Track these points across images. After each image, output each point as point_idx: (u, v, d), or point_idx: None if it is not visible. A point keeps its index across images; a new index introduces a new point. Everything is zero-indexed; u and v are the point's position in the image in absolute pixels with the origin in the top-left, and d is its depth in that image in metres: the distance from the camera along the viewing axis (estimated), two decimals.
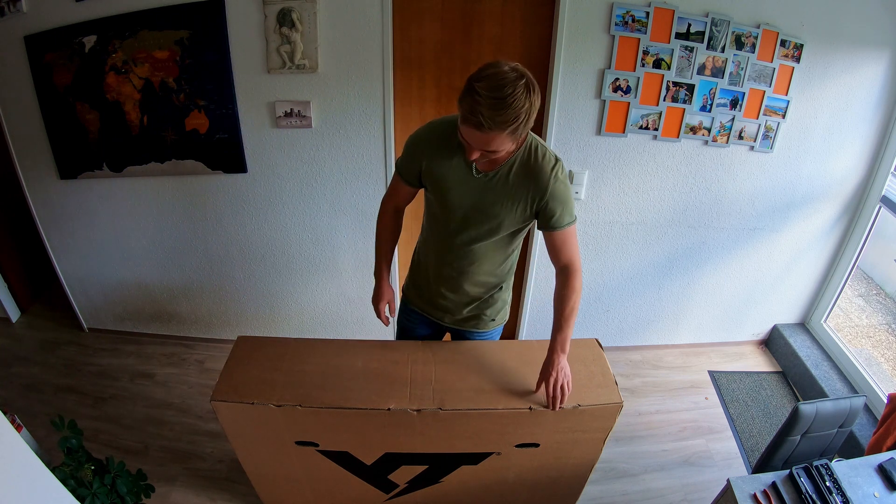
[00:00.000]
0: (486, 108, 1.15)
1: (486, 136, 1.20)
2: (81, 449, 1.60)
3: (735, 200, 2.58)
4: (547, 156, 1.39)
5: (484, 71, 1.18)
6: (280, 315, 2.81)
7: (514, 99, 1.14)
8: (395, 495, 1.83)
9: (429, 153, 1.43)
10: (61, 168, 2.41)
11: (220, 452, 2.25)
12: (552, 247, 1.49)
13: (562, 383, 1.46)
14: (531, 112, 1.19)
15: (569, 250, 1.49)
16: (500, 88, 1.14)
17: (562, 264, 1.50)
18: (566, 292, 1.48)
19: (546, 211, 1.42)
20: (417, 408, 1.47)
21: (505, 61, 1.19)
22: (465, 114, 1.19)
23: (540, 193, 1.39)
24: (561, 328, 1.48)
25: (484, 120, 1.16)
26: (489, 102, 1.14)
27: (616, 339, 2.97)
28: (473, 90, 1.16)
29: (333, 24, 2.10)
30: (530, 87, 1.17)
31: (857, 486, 1.55)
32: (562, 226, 1.44)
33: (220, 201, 2.48)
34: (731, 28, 2.17)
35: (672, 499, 2.17)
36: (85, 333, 2.93)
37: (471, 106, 1.17)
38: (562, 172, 1.40)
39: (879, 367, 2.94)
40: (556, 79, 2.21)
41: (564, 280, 1.49)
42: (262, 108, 2.25)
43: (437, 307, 1.71)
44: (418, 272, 1.72)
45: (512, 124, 1.18)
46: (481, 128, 1.18)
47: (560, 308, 1.49)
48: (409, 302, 1.80)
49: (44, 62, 2.17)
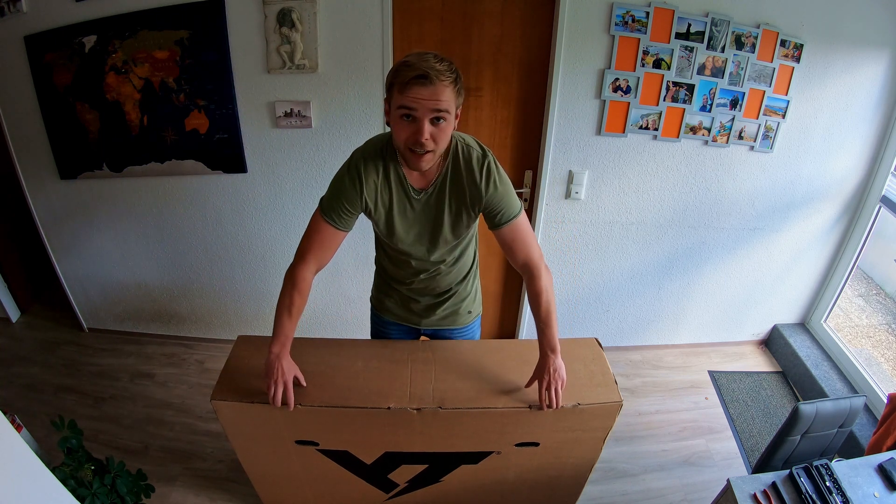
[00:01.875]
0: (434, 60, 1.17)
1: (432, 90, 1.17)
2: (81, 449, 1.60)
3: (735, 200, 2.58)
4: (474, 154, 1.36)
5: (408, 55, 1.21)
6: None
7: (444, 62, 1.19)
8: (396, 495, 1.82)
9: (368, 186, 1.36)
10: (61, 168, 2.41)
11: (220, 452, 2.25)
12: (504, 245, 1.43)
13: (555, 387, 1.42)
14: (461, 85, 1.22)
15: (523, 245, 1.42)
16: (427, 54, 1.19)
17: (520, 262, 1.44)
18: (536, 293, 1.43)
19: (488, 210, 1.38)
20: (417, 407, 1.47)
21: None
22: (407, 75, 1.17)
23: (477, 195, 1.35)
24: (543, 331, 1.44)
25: (430, 68, 1.16)
26: (434, 56, 1.18)
27: (616, 339, 2.97)
28: (404, 62, 1.19)
29: (333, 24, 2.10)
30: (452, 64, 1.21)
31: (857, 486, 1.55)
32: (507, 221, 1.39)
33: (220, 201, 2.48)
34: (731, 28, 2.17)
35: (672, 499, 2.17)
36: (85, 333, 2.93)
37: (411, 66, 1.17)
38: (493, 166, 1.36)
39: (879, 367, 2.94)
40: (556, 79, 2.21)
41: (528, 280, 1.44)
42: (262, 108, 2.25)
43: (410, 311, 1.69)
44: (384, 282, 1.69)
45: (456, 80, 1.20)
46: (428, 79, 1.16)
47: (536, 311, 1.44)
48: (380, 311, 1.75)
49: (44, 62, 2.17)
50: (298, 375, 1.45)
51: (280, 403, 1.39)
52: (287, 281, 1.41)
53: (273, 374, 1.39)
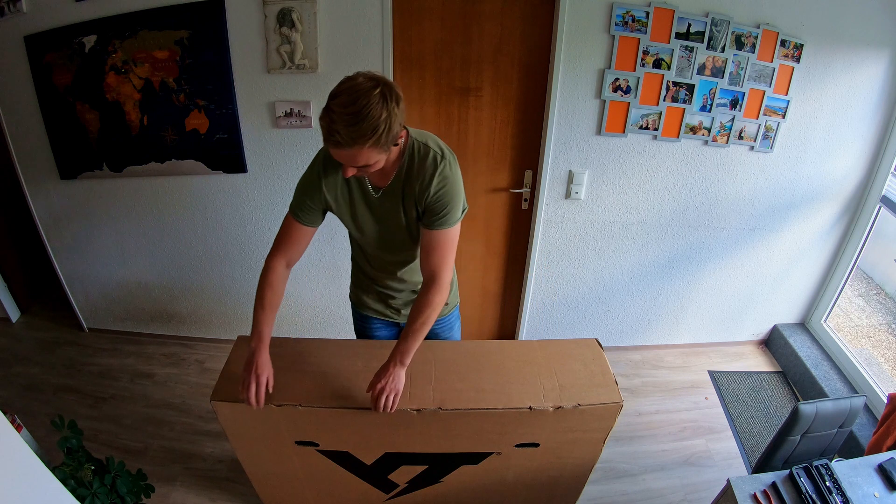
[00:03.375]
0: (342, 126, 1.12)
1: (349, 153, 1.17)
2: (81, 449, 1.60)
3: (735, 200, 2.58)
4: (430, 154, 1.34)
5: (341, 86, 1.15)
6: (280, 315, 2.78)
7: (370, 110, 1.12)
8: (395, 495, 1.82)
9: (327, 184, 1.39)
10: (61, 168, 2.41)
11: (220, 452, 2.25)
12: (426, 247, 1.41)
13: (388, 393, 1.39)
14: (391, 121, 1.16)
15: (438, 256, 1.39)
16: (353, 102, 1.11)
17: (429, 271, 1.41)
18: (422, 306, 1.39)
19: (431, 209, 1.36)
20: (417, 407, 1.47)
21: (363, 72, 1.17)
22: (324, 134, 1.16)
23: (424, 191, 1.34)
24: (405, 338, 1.40)
25: (341, 137, 1.13)
26: (345, 119, 1.12)
27: (616, 339, 2.97)
28: (329, 108, 1.14)
29: (333, 24, 2.10)
30: (387, 96, 1.14)
31: (857, 486, 1.55)
32: (438, 227, 1.37)
33: (220, 201, 2.48)
34: (731, 28, 2.17)
35: (672, 499, 2.17)
36: (85, 333, 2.93)
37: (328, 125, 1.14)
38: (448, 170, 1.34)
39: (879, 367, 2.94)
40: (556, 79, 2.21)
41: (425, 292, 1.40)
42: (262, 108, 2.25)
43: (388, 306, 1.70)
44: (360, 279, 1.70)
45: (371, 137, 1.14)
46: (340, 146, 1.15)
47: (412, 319, 1.40)
48: (360, 307, 1.75)
49: (44, 62, 2.17)
50: (270, 379, 1.43)
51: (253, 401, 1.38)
52: (261, 274, 1.47)
53: (248, 369, 1.41)
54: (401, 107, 1.19)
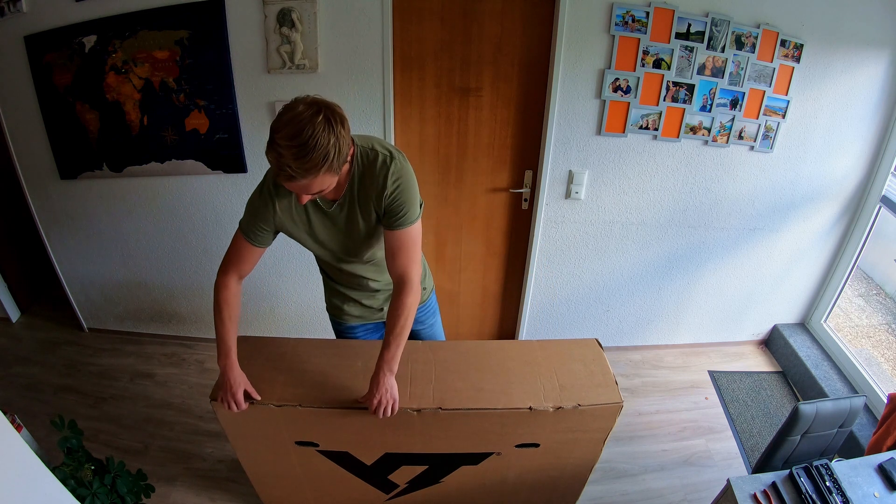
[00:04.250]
0: (292, 160, 1.10)
1: (302, 184, 1.16)
2: (81, 449, 1.60)
3: (735, 200, 2.58)
4: (379, 157, 1.33)
5: (282, 117, 1.13)
6: (280, 315, 2.81)
7: (316, 140, 1.10)
8: (396, 495, 1.83)
9: (280, 207, 1.37)
10: (61, 168, 2.41)
11: (220, 452, 2.25)
12: (390, 249, 1.40)
13: (386, 405, 1.40)
14: (340, 144, 1.15)
15: (405, 256, 1.39)
16: (298, 135, 1.09)
17: (397, 273, 1.41)
18: (399, 310, 1.38)
19: (390, 211, 1.36)
20: (417, 407, 1.47)
21: (302, 98, 1.15)
22: (274, 168, 1.14)
23: (379, 196, 1.34)
24: (388, 346, 1.39)
25: (293, 171, 1.12)
26: (292, 153, 1.10)
27: (616, 339, 2.97)
28: (275, 142, 1.11)
29: (333, 24, 2.10)
30: (331, 120, 1.12)
31: (857, 486, 1.55)
32: (399, 227, 1.37)
33: (220, 201, 2.48)
34: (731, 28, 2.17)
35: (672, 499, 2.17)
36: (85, 333, 2.93)
37: (277, 160, 1.12)
38: (400, 168, 1.34)
39: (879, 367, 2.94)
40: (556, 79, 2.21)
41: (397, 295, 1.40)
42: (262, 108, 2.25)
43: (369, 308, 1.69)
44: (334, 290, 1.70)
45: (322, 165, 1.13)
46: (293, 179, 1.14)
47: (390, 325, 1.40)
48: (340, 317, 1.75)
49: (44, 62, 2.17)
50: (249, 389, 1.45)
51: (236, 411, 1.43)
52: (215, 291, 1.47)
53: (224, 387, 1.42)
54: (346, 127, 1.17)
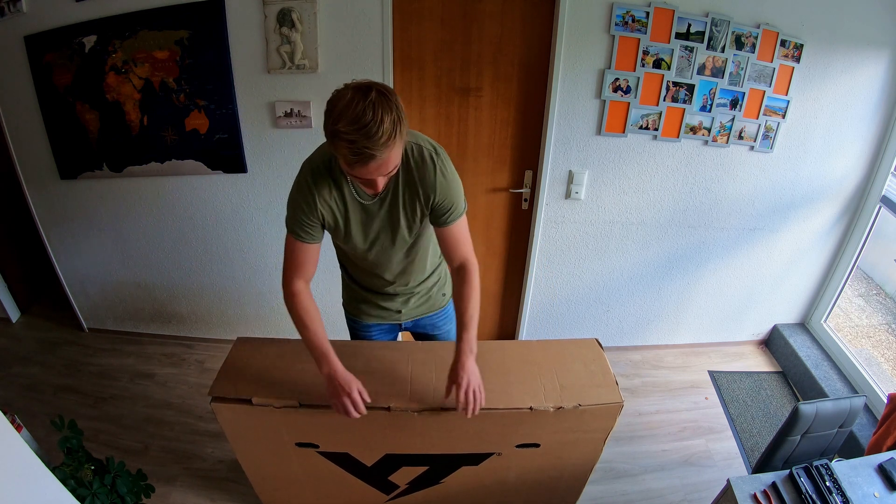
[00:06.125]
0: (366, 140, 1.10)
1: (382, 160, 1.16)
2: (81, 449, 1.60)
3: (735, 200, 2.58)
4: (424, 152, 1.34)
5: (335, 108, 1.12)
6: (280, 315, 2.79)
7: (380, 116, 1.10)
8: (396, 496, 1.82)
9: (321, 198, 1.35)
10: (61, 168, 2.41)
11: (220, 452, 2.25)
12: (447, 243, 1.43)
13: (473, 388, 1.40)
14: (400, 113, 1.14)
15: (465, 245, 1.44)
16: (362, 115, 1.09)
17: (459, 262, 1.45)
18: (468, 291, 1.43)
19: (439, 208, 1.38)
20: (418, 408, 1.47)
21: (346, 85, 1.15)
22: (348, 157, 1.14)
23: (429, 193, 1.35)
24: (466, 328, 1.42)
25: (373, 149, 1.11)
26: (363, 133, 1.10)
27: (616, 339, 2.97)
28: (339, 134, 1.11)
29: (333, 24, 2.10)
30: (384, 94, 1.12)
31: (857, 486, 1.55)
32: (455, 219, 1.40)
33: (220, 201, 2.48)
34: (731, 28, 2.17)
35: (672, 499, 2.17)
36: (85, 333, 2.93)
37: (350, 147, 1.12)
38: (445, 164, 1.35)
39: (879, 367, 2.94)
40: (556, 79, 2.21)
41: (463, 278, 1.44)
42: (262, 108, 2.25)
43: (387, 309, 1.69)
44: (354, 290, 1.69)
45: (395, 133, 1.13)
46: (374, 159, 1.14)
47: (463, 308, 1.43)
48: (356, 315, 1.74)
49: (44, 62, 2.17)
50: (360, 388, 1.43)
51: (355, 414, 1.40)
52: (287, 305, 1.45)
53: (335, 393, 1.40)
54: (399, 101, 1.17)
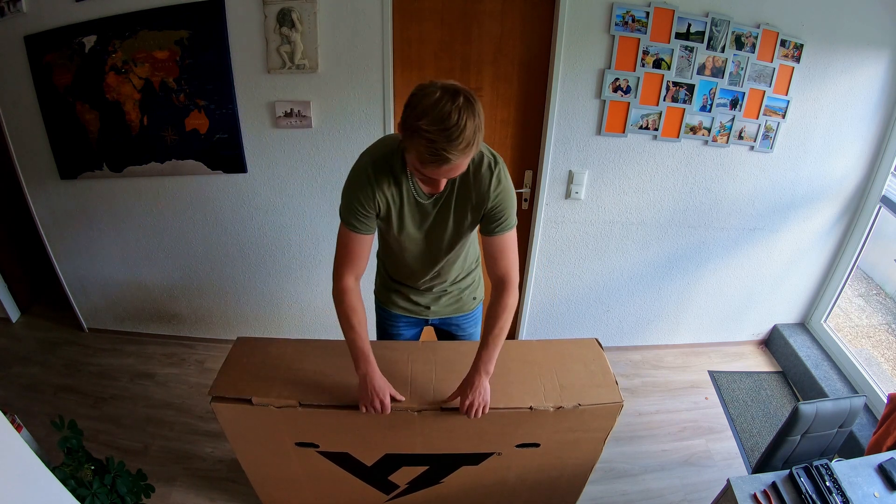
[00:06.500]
0: (446, 142, 1.10)
1: (454, 165, 1.16)
2: (81, 449, 1.60)
3: (735, 200, 2.58)
4: (484, 159, 1.34)
5: (420, 104, 1.12)
6: (280, 315, 2.81)
7: (464, 122, 1.10)
8: (396, 496, 1.82)
9: (379, 190, 1.35)
10: (61, 168, 2.41)
11: (220, 452, 2.25)
12: (491, 254, 1.42)
13: (477, 407, 1.41)
14: (481, 123, 1.15)
15: (508, 258, 1.42)
16: (445, 119, 1.09)
17: (499, 275, 1.43)
18: (499, 310, 1.41)
19: (490, 217, 1.37)
20: (418, 408, 1.47)
21: (432, 82, 1.14)
22: (423, 154, 1.14)
23: (483, 200, 1.35)
24: (487, 346, 1.41)
25: (450, 153, 1.12)
26: (444, 135, 1.09)
27: (616, 339, 2.97)
28: (420, 131, 1.11)
29: (333, 24, 2.10)
30: (470, 100, 1.12)
31: (857, 486, 1.55)
32: (505, 230, 1.39)
33: (220, 201, 2.48)
34: (731, 28, 2.17)
35: (672, 499, 2.17)
36: (85, 333, 2.93)
37: (427, 146, 1.12)
38: (503, 174, 1.35)
39: (879, 367, 2.94)
40: (556, 79, 2.21)
41: (498, 295, 1.42)
42: (262, 108, 2.25)
43: (417, 304, 1.70)
44: (389, 282, 1.70)
45: (473, 141, 1.14)
46: (448, 162, 1.13)
47: (490, 325, 1.41)
48: (386, 304, 1.75)
49: (44, 62, 2.17)
50: (394, 393, 1.44)
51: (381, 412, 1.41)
52: (335, 301, 1.43)
53: (366, 396, 1.41)
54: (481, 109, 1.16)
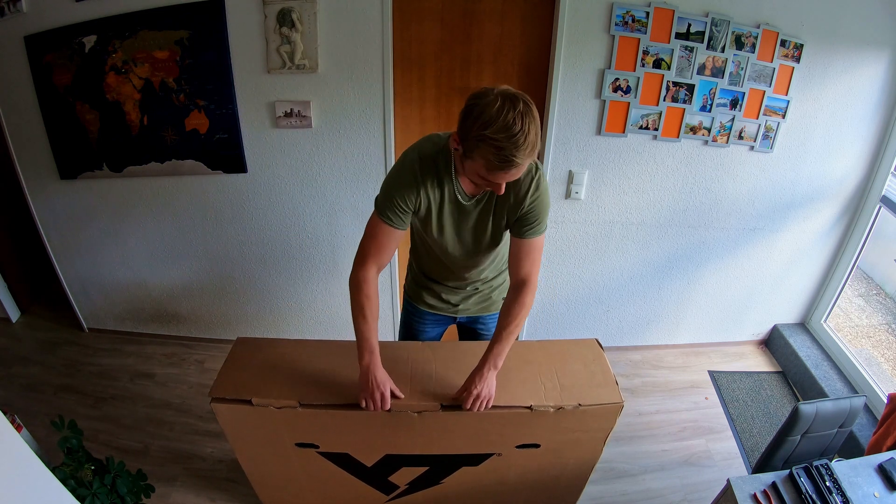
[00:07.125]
0: (512, 148, 1.14)
1: (518, 169, 1.20)
2: (81, 449, 1.60)
3: (735, 200, 2.58)
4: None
5: (483, 113, 1.14)
6: (280, 315, 2.81)
7: (528, 127, 1.14)
8: (396, 497, 1.82)
9: (424, 188, 1.36)
10: (61, 168, 2.41)
11: (220, 452, 2.25)
12: (517, 255, 1.44)
13: (482, 399, 1.41)
14: (539, 126, 1.19)
15: (533, 261, 1.44)
16: (511, 126, 1.12)
17: (521, 276, 1.45)
18: (516, 308, 1.43)
19: (524, 219, 1.40)
20: (418, 408, 1.47)
21: (487, 89, 1.17)
22: (491, 162, 1.17)
23: (520, 203, 1.37)
24: (500, 340, 1.42)
25: (518, 159, 1.15)
26: (511, 143, 1.13)
27: (616, 339, 2.97)
28: (487, 139, 1.14)
29: (333, 24, 2.10)
30: (528, 104, 1.16)
31: (857, 486, 1.55)
32: (536, 234, 1.41)
33: (220, 201, 2.48)
34: (731, 28, 2.17)
35: (672, 499, 2.17)
36: (85, 333, 2.93)
37: (496, 154, 1.15)
38: (542, 179, 1.38)
39: (879, 367, 2.94)
40: (556, 79, 2.21)
41: (517, 294, 1.44)
42: (262, 108, 2.25)
43: (447, 302, 1.72)
44: (420, 278, 1.71)
45: (535, 146, 1.18)
46: (516, 166, 1.17)
47: (506, 322, 1.43)
48: (416, 301, 1.76)
49: (44, 62, 2.17)
50: (394, 388, 1.44)
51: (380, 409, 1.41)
52: (352, 288, 1.43)
53: (367, 388, 1.40)
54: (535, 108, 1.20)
